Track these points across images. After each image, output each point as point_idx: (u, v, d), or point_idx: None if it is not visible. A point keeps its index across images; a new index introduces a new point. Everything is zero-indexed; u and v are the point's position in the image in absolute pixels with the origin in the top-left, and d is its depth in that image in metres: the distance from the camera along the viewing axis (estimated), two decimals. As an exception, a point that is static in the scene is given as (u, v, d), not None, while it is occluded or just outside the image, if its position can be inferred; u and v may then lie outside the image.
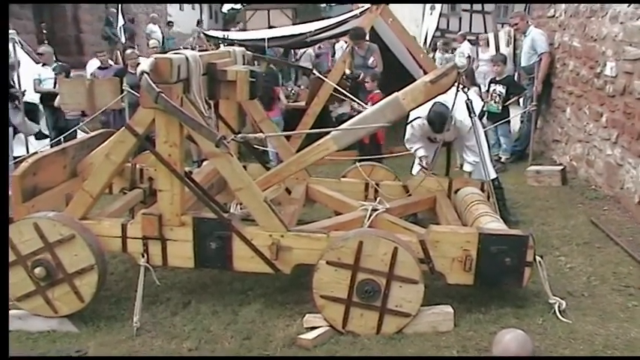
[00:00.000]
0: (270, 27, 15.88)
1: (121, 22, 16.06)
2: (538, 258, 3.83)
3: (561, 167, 6.81)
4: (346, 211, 4.73)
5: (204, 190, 4.01)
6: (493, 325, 3.73)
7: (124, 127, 3.85)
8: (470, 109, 4.72)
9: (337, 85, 8.11)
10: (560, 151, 7.39)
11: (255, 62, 9.04)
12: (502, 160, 7.59)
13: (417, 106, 4.32)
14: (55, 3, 16.31)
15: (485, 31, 17.17)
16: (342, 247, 3.57)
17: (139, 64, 6.75)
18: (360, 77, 7.74)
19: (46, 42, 10.34)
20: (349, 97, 6.27)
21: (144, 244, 3.90)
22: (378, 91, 7.47)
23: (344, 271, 3.58)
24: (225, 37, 8.89)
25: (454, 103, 4.53)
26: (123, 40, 15.62)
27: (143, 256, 3.90)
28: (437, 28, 20.95)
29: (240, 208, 4.56)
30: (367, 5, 8.58)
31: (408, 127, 5.37)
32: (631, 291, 4.15)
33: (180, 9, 34.96)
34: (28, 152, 7.55)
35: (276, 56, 13.86)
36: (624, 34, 5.53)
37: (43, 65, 8.55)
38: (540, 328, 3.70)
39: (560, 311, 3.81)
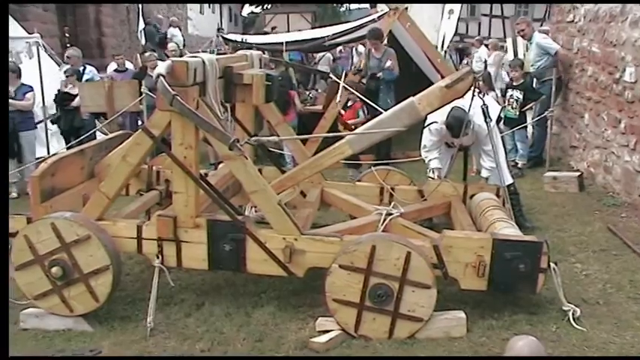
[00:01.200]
0: (288, 31, 16.04)
1: (141, 25, 16.26)
2: (552, 264, 3.81)
3: (578, 173, 6.74)
4: (361, 215, 4.74)
5: (219, 193, 4.04)
6: (506, 332, 3.71)
7: (140, 129, 3.89)
8: (486, 114, 4.72)
9: (355, 89, 8.18)
10: (578, 157, 7.32)
11: (272, 66, 9.16)
12: (519, 165, 7.53)
13: (433, 111, 4.32)
14: (65, 3, 16.41)
15: (505, 36, 17.08)
16: (355, 250, 3.57)
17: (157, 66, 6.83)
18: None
19: (68, 45, 10.43)
20: (363, 100, 6.27)
21: (159, 245, 3.94)
22: (357, 100, 7.53)
23: (357, 275, 3.59)
24: (244, 40, 8.95)
25: (470, 107, 4.54)
26: (143, 42, 15.81)
27: (158, 258, 3.94)
28: (455, 33, 20.85)
29: (255, 211, 4.60)
30: (385, 9, 8.60)
31: (425, 132, 5.36)
32: (647, 299, 4.10)
33: (200, 12, 35.27)
34: (48, 153, 7.65)
35: (301, 60, 13.96)
36: (644, 40, 5.48)
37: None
38: (554, 335, 3.68)
39: (574, 319, 3.78)
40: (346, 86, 6.79)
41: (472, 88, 4.30)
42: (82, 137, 7.21)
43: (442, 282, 3.82)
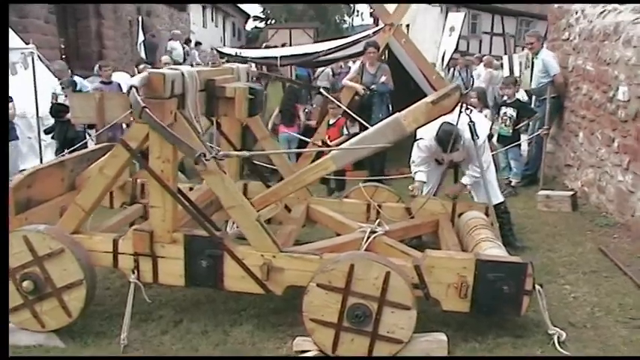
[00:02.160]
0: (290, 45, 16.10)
1: (141, 37, 16.31)
2: (537, 286, 3.71)
3: (572, 193, 6.64)
4: (345, 232, 4.65)
5: (197, 207, 3.95)
6: (489, 355, 3.60)
7: (118, 143, 3.83)
8: (472, 132, 4.65)
9: (349, 104, 8.13)
10: (572, 176, 7.22)
11: (264, 80, 9.13)
12: (512, 183, 7.43)
13: (419, 127, 4.25)
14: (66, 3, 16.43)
15: (506, 54, 17.08)
16: (333, 269, 3.48)
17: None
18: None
19: (63, 57, 10.41)
20: (351, 115, 6.22)
21: (135, 260, 3.86)
22: (340, 116, 7.53)
23: (334, 295, 3.49)
24: (238, 54, 8.92)
25: (458, 122, 4.47)
26: (142, 55, 15.84)
27: (134, 273, 3.85)
28: (456, 50, 20.87)
29: (237, 227, 4.52)
30: (381, 25, 8.56)
31: (415, 147, 5.29)
32: (636, 323, 3.98)
33: (203, 26, 35.42)
34: (41, 163, 7.60)
35: (308, 76, 13.94)
36: (637, 58, 5.40)
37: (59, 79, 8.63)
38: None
39: (559, 342, 3.67)
40: (333, 99, 6.72)
41: (459, 104, 4.24)
42: (74, 148, 7.16)
43: (425, 302, 3.73)
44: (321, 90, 6.89)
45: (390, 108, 8.20)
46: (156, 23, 23.56)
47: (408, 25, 22.14)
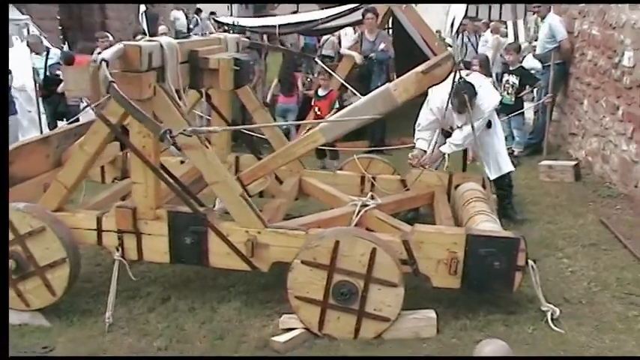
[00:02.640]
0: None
1: (142, 7, 16.06)
2: (530, 262, 3.60)
3: (574, 163, 6.46)
4: (338, 205, 4.55)
5: (181, 183, 3.86)
6: (479, 333, 3.52)
7: (97, 118, 3.72)
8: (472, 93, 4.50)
9: (348, 74, 7.94)
10: (577, 145, 7.03)
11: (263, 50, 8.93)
12: (515, 153, 7.23)
13: (410, 97, 4.08)
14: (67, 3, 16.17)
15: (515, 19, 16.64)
16: (318, 246, 3.39)
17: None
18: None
19: (60, 28, 10.18)
20: (346, 85, 6.08)
21: (119, 237, 3.79)
22: (332, 88, 7.34)
23: (319, 272, 3.41)
24: (235, 23, 8.71)
25: (451, 93, 4.32)
26: (144, 25, 15.61)
27: (118, 250, 3.78)
28: (465, 15, 20.37)
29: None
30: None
31: (424, 107, 5.02)
32: (633, 299, 3.87)
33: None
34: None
35: (314, 45, 13.67)
36: (643, 22, 5.18)
37: (35, 54, 8.32)
38: (530, 337, 3.48)
39: (552, 320, 3.57)
40: (328, 69, 6.54)
41: (452, 73, 4.09)
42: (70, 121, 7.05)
43: (416, 279, 3.64)
44: (316, 59, 6.68)
45: (393, 76, 8.03)
46: (159, -9, 23.14)
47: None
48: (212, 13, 22.94)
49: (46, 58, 8.02)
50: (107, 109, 3.66)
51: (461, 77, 4.19)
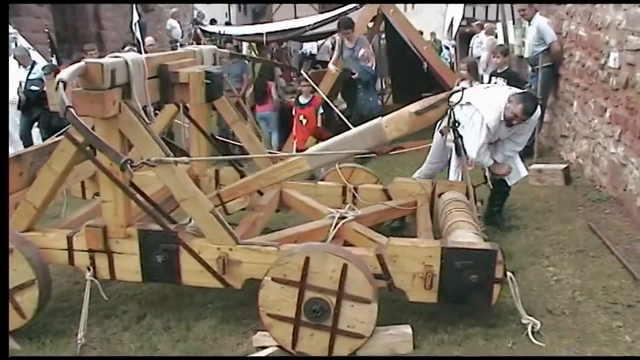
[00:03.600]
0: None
1: (135, 17, 15.98)
2: (509, 274, 3.51)
3: (564, 166, 6.35)
4: (317, 218, 4.46)
5: (151, 201, 3.79)
6: (457, 348, 3.44)
7: (64, 136, 3.66)
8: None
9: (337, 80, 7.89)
10: (568, 147, 6.93)
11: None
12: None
13: (401, 135, 4.01)
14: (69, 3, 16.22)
15: (513, 20, 16.53)
16: (288, 262, 3.31)
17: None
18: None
19: (48, 41, 10.15)
20: (328, 102, 6.01)
21: (90, 257, 3.72)
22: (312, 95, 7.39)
23: (290, 289, 3.32)
24: (222, 32, 8.66)
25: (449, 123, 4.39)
26: (138, 35, 15.54)
27: (89, 270, 3.72)
28: (463, 17, 20.27)
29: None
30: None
31: (480, 133, 4.69)
32: (617, 309, 3.76)
33: (206, 2, 34.74)
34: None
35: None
36: (627, 22, 5.07)
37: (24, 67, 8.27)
38: (509, 351, 3.39)
39: (533, 333, 3.47)
40: (308, 78, 6.48)
41: (448, 113, 4.13)
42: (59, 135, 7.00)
43: (394, 292, 3.55)
44: (302, 71, 6.62)
45: (386, 80, 8.02)
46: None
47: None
48: (213, 21, 22.93)
49: (29, 72, 7.98)
50: (73, 128, 3.59)
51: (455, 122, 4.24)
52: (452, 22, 19.81)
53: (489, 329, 3.59)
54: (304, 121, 7.61)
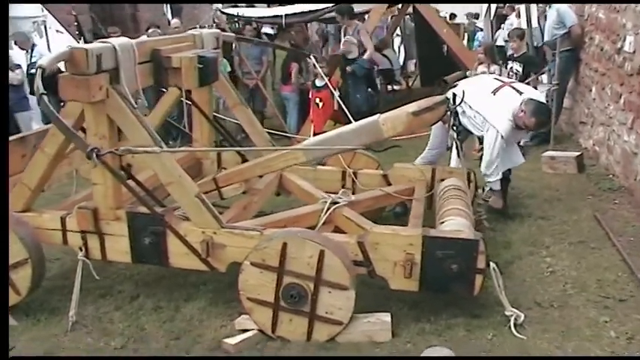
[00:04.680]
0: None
1: (168, -3, 16.18)
2: (492, 264, 3.46)
3: (578, 154, 6.16)
4: (312, 202, 4.46)
5: (140, 183, 3.86)
6: (437, 338, 3.41)
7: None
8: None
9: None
10: (586, 134, 6.72)
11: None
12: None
13: (397, 135, 3.99)
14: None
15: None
16: (266, 247, 3.33)
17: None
18: None
19: (75, 24, 10.31)
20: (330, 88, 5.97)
21: (82, 237, 3.83)
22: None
23: (269, 274, 3.35)
24: (240, 14, 8.66)
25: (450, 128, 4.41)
26: (169, 16, 15.77)
27: (81, 250, 3.83)
28: (501, -1, 19.68)
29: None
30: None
31: (494, 149, 4.60)
32: (608, 303, 3.66)
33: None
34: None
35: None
36: (644, 4, 4.86)
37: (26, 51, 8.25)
38: (489, 343, 3.35)
39: (516, 325, 3.41)
40: (316, 64, 6.43)
41: (447, 114, 4.13)
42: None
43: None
44: (312, 56, 6.57)
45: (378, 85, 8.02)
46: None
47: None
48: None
49: (31, 55, 8.06)
50: (63, 111, 3.68)
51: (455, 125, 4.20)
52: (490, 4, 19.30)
53: (472, 320, 3.55)
54: (320, 104, 7.59)
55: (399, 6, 11.73)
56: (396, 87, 12.00)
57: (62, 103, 3.79)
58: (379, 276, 3.50)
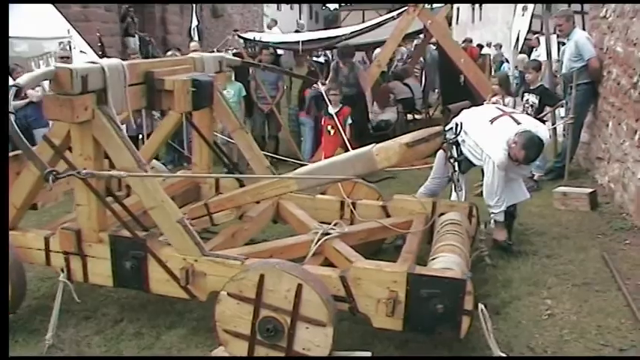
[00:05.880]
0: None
1: (194, 22, 16.47)
2: (480, 306, 3.27)
3: (590, 190, 5.93)
4: (304, 232, 4.35)
5: (124, 206, 3.80)
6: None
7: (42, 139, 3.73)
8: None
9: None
10: (602, 170, 6.48)
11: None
12: (535, 177, 6.75)
13: (390, 166, 3.89)
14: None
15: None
16: (243, 279, 3.21)
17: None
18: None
19: (99, 45, 10.49)
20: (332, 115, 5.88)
21: (65, 259, 3.78)
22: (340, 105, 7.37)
23: (246, 306, 3.22)
24: (257, 39, 8.69)
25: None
26: (196, 39, 15.98)
27: (62, 272, 3.77)
28: (529, 30, 19.49)
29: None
30: (405, 7, 8.09)
31: (494, 179, 4.56)
32: (607, 352, 3.44)
33: (277, 9, 35.14)
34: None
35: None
36: (658, 39, 4.68)
37: None
38: (472, 389, 3.16)
39: (502, 371, 3.23)
40: (322, 91, 6.35)
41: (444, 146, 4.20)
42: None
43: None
44: (319, 83, 6.52)
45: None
46: (227, 6, 23.48)
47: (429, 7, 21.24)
48: (274, 21, 22.87)
49: None
50: (50, 131, 3.67)
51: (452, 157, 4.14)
52: (518, 35, 19.18)
53: (459, 362, 3.37)
54: (332, 132, 7.52)
55: (422, 35, 11.69)
56: (417, 116, 11.89)
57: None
58: (362, 313, 3.35)
